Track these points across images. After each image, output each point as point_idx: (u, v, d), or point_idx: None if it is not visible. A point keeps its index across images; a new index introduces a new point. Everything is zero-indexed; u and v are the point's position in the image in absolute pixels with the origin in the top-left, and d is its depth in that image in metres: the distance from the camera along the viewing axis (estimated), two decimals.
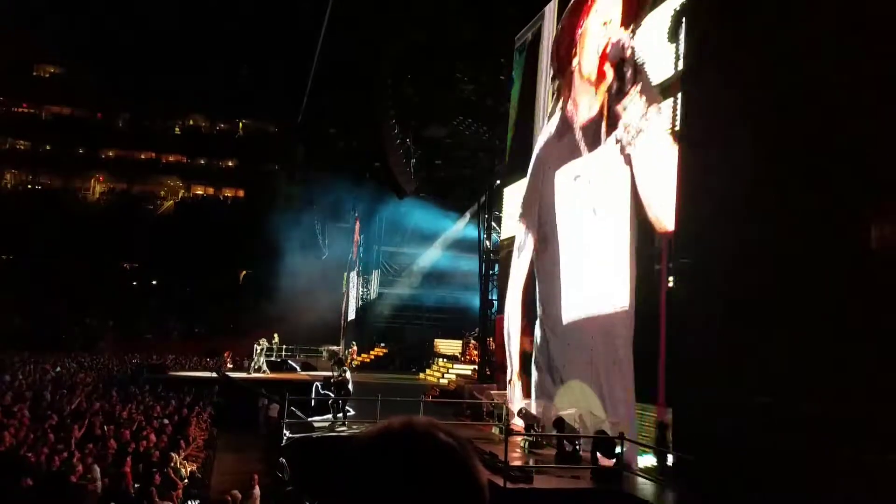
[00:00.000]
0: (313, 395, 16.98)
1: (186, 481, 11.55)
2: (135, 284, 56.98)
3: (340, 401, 15.06)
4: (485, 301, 21.11)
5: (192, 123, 68.88)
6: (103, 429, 13.82)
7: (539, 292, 14.42)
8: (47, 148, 63.77)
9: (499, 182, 19.87)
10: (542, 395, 13.70)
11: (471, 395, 16.77)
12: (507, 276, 16.86)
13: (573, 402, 12.23)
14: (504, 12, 18.53)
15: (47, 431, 12.81)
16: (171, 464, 11.39)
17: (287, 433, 13.21)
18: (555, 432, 11.25)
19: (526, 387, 14.64)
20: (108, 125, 65.53)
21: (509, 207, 17.73)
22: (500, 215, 19.43)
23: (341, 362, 17.17)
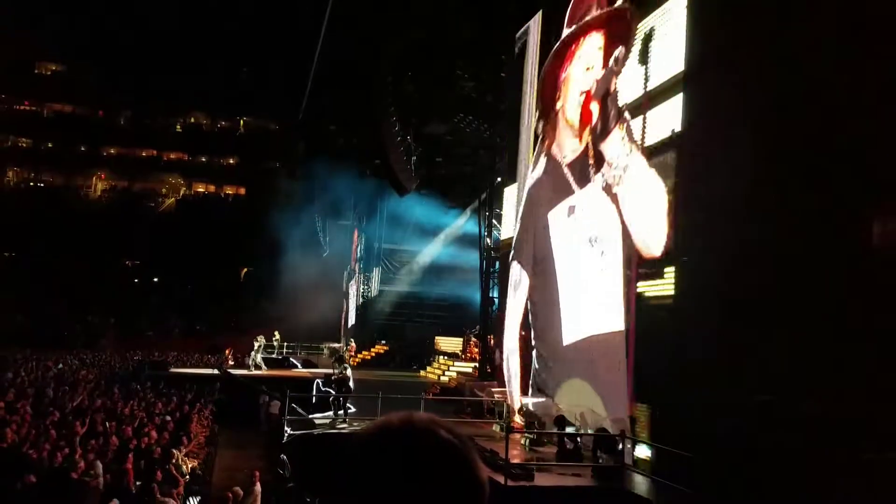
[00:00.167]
0: (314, 393, 17.02)
1: (188, 478, 11.59)
2: (136, 282, 57.03)
3: (341, 398, 15.10)
4: (485, 298, 21.07)
5: (193, 121, 68.90)
6: (105, 425, 13.85)
7: (536, 325, 14.51)
8: (49, 145, 63.83)
9: (499, 179, 19.86)
10: (542, 393, 13.73)
11: (471, 392, 16.80)
12: (506, 280, 16.85)
13: (574, 400, 12.26)
14: (503, 11, 18.51)
15: (49, 428, 12.84)
16: (172, 460, 11.43)
17: (288, 430, 13.23)
18: (556, 430, 11.28)
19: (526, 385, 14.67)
20: (109, 123, 65.61)
21: (510, 206, 17.72)
22: (501, 213, 19.43)
23: (342, 359, 17.18)
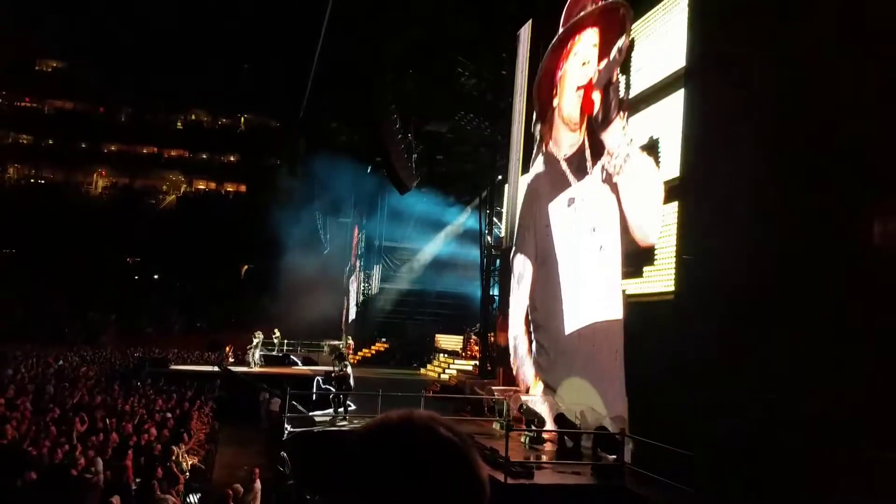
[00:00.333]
0: (314, 390, 17.02)
1: (188, 475, 11.60)
2: (137, 279, 57.02)
3: (341, 396, 15.10)
4: (486, 296, 21.06)
5: (194, 118, 68.84)
6: (105, 422, 13.87)
7: (536, 316, 14.61)
8: (50, 142, 63.81)
9: (500, 177, 19.85)
10: (543, 392, 13.73)
11: (472, 390, 16.80)
12: (506, 278, 16.85)
13: (574, 399, 12.27)
14: (503, 10, 18.51)
15: (49, 425, 12.86)
16: (172, 457, 11.44)
17: (288, 427, 13.23)
18: (556, 428, 11.28)
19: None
20: (110, 120, 65.58)
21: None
22: (502, 211, 19.42)
23: (342, 357, 17.18)
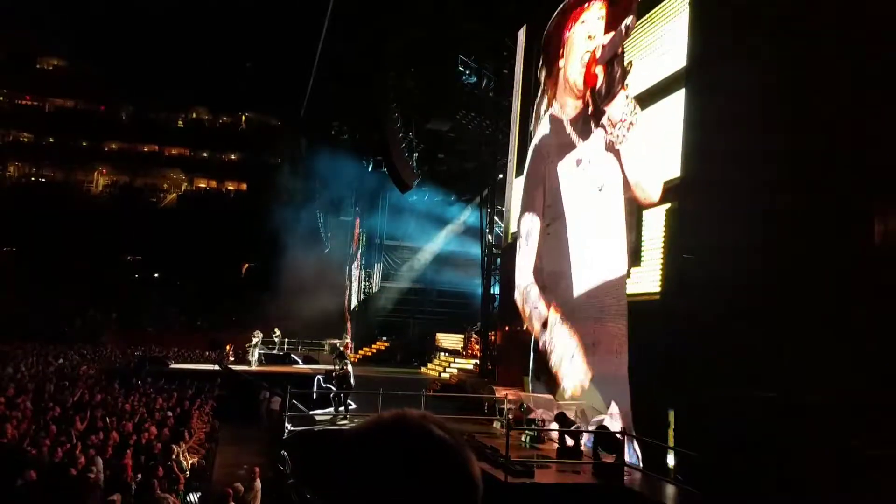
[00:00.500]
0: (315, 389, 16.99)
1: (188, 474, 11.59)
2: (137, 277, 57.00)
3: (342, 394, 15.08)
4: (487, 295, 21.04)
5: (195, 116, 68.73)
6: (105, 421, 13.86)
7: (544, 276, 14.61)
8: (50, 140, 63.71)
9: (501, 175, 19.82)
10: (543, 390, 13.72)
11: (473, 389, 16.78)
12: (511, 268, 16.79)
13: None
14: (504, 9, 18.52)
15: (49, 424, 12.84)
16: (172, 456, 11.42)
17: (289, 426, 13.21)
18: (556, 427, 11.26)
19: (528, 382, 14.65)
20: (111, 118, 65.46)
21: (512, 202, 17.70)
22: (503, 209, 19.39)
23: (343, 356, 17.15)
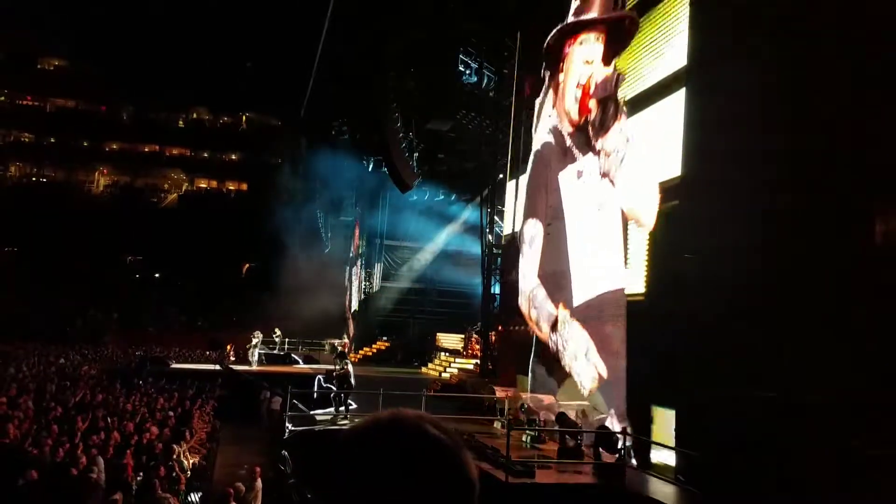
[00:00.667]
0: (315, 389, 17.00)
1: (189, 473, 11.60)
2: (137, 277, 57.01)
3: (342, 394, 15.08)
4: (487, 295, 21.03)
5: (195, 117, 68.75)
6: (107, 421, 13.87)
7: (548, 278, 14.60)
8: (51, 140, 63.73)
9: (502, 175, 19.82)
10: (544, 390, 13.71)
11: (473, 389, 16.79)
12: (514, 269, 16.76)
13: (575, 397, 12.25)
14: (504, 8, 18.53)
15: (51, 423, 12.86)
16: (174, 456, 11.43)
17: (289, 426, 13.22)
18: (557, 427, 11.26)
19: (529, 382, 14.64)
20: (112, 118, 65.48)
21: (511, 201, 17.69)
22: (503, 209, 19.39)
23: (343, 355, 17.16)
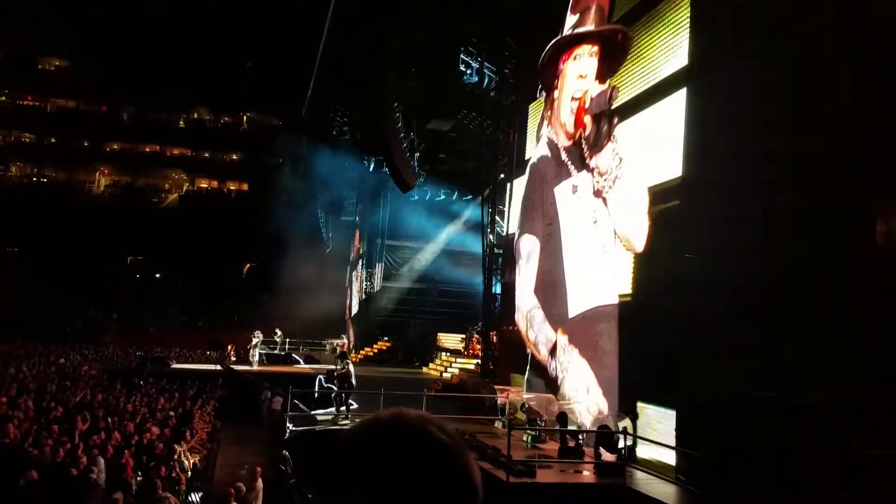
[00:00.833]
0: (316, 389, 17.00)
1: (190, 473, 11.60)
2: (138, 277, 57.05)
3: (343, 394, 15.08)
4: (488, 295, 21.02)
5: (196, 117, 68.80)
6: (107, 421, 13.87)
7: (540, 297, 14.65)
8: (52, 141, 63.80)
9: (503, 175, 19.80)
10: (544, 390, 13.70)
11: (474, 389, 16.77)
12: (513, 272, 16.76)
13: (576, 397, 12.26)
14: (503, 10, 18.54)
15: (52, 423, 12.86)
16: (174, 456, 11.43)
17: (290, 426, 13.21)
18: (558, 427, 11.25)
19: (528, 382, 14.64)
20: (112, 118, 65.56)
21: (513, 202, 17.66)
22: (504, 209, 19.36)
23: (344, 355, 17.16)
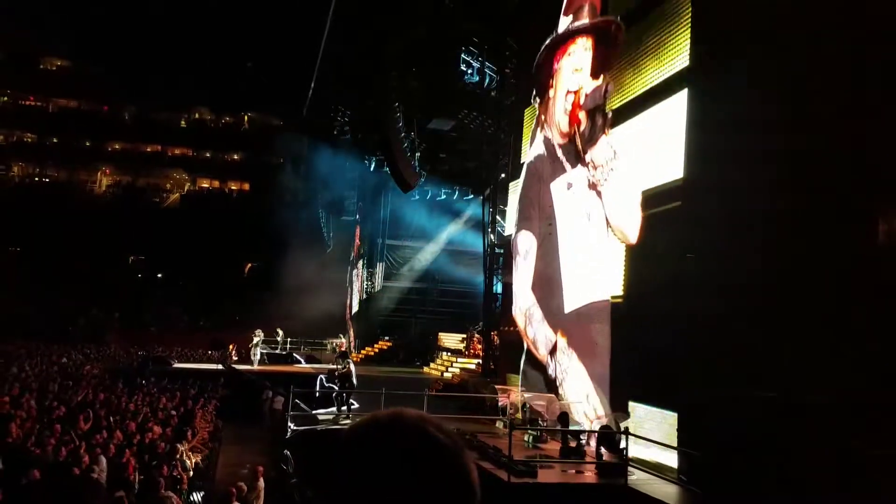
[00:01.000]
0: (317, 388, 17.03)
1: (191, 473, 11.61)
2: (140, 277, 57.11)
3: (344, 394, 15.10)
4: (489, 294, 21.03)
5: (197, 117, 68.85)
6: (109, 420, 13.90)
7: (536, 293, 14.75)
8: (54, 141, 63.88)
9: (503, 175, 19.82)
10: (541, 386, 13.76)
11: (475, 389, 16.79)
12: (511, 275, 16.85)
13: (577, 397, 12.27)
14: (503, 10, 18.55)
15: (54, 423, 12.88)
16: (176, 455, 11.44)
17: (292, 426, 13.23)
18: (559, 427, 11.26)
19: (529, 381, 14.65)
20: (114, 118, 65.62)
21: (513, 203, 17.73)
22: (505, 209, 19.38)
23: (345, 355, 17.20)
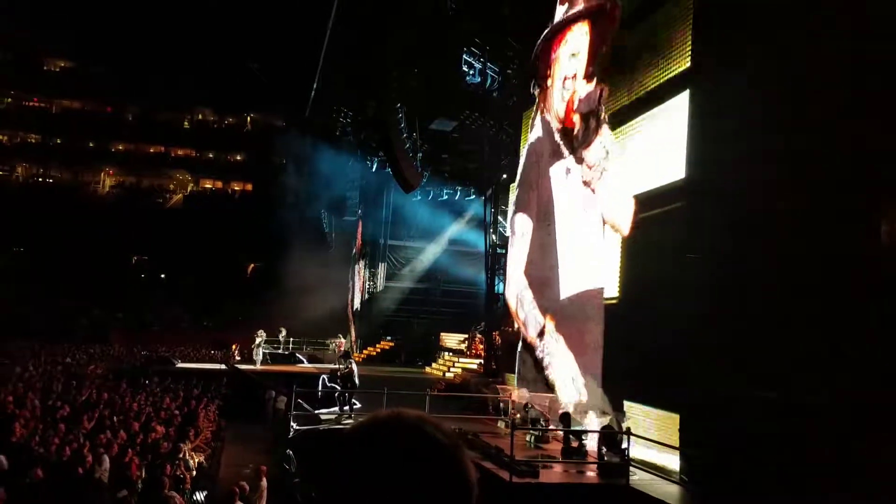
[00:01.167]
0: (320, 388, 17.06)
1: (194, 472, 11.65)
2: (143, 277, 57.24)
3: (347, 393, 15.13)
4: (491, 294, 21.04)
5: (200, 117, 68.96)
6: (113, 420, 13.95)
7: (535, 273, 14.91)
8: (57, 141, 64.03)
9: (505, 176, 19.84)
10: (535, 378, 13.85)
11: (477, 388, 16.81)
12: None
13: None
14: (503, 10, 18.56)
15: (58, 422, 12.94)
16: (179, 455, 11.48)
17: (294, 425, 13.27)
18: (560, 427, 11.27)
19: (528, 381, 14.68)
20: (117, 119, 65.75)
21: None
22: (507, 209, 19.40)
23: (348, 355, 17.23)
